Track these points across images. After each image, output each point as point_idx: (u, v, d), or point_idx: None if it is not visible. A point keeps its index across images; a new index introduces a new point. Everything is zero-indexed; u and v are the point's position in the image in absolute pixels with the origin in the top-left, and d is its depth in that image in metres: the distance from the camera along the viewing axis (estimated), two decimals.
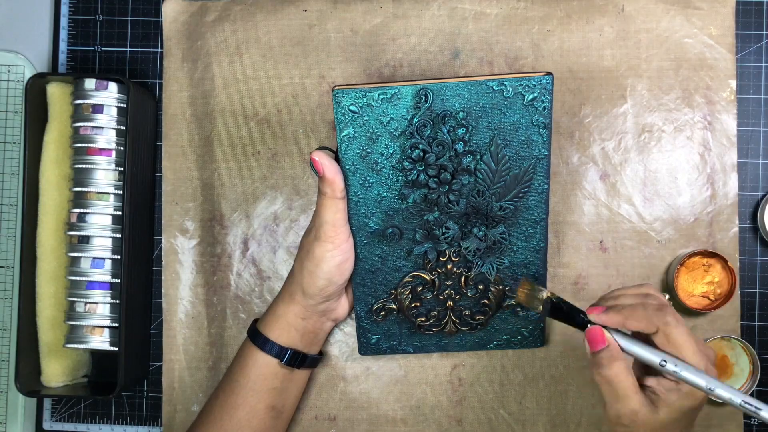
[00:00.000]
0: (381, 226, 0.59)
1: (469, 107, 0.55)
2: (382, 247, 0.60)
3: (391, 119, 0.55)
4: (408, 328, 0.65)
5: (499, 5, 0.68)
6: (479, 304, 0.63)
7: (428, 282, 0.62)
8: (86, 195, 0.66)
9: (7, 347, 0.71)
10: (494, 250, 0.60)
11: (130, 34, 0.72)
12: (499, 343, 0.65)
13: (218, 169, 0.69)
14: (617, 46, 0.67)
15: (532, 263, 0.61)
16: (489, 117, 0.55)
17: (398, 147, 0.56)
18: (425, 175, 0.57)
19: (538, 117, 0.55)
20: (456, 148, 0.56)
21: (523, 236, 0.60)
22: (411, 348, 0.66)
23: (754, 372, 0.65)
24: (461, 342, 0.65)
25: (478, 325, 0.64)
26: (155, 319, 0.71)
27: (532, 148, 0.56)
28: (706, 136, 0.67)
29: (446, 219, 0.59)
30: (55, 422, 0.71)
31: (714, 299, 0.65)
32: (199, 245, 0.69)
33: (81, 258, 0.66)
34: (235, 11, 0.69)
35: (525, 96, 0.55)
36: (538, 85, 0.54)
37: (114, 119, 0.66)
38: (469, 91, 0.54)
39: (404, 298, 0.63)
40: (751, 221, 0.68)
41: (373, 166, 0.57)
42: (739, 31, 0.68)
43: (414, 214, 0.59)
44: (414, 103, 0.55)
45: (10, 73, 0.72)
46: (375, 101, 0.55)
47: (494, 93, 0.54)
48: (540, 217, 0.59)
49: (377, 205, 0.58)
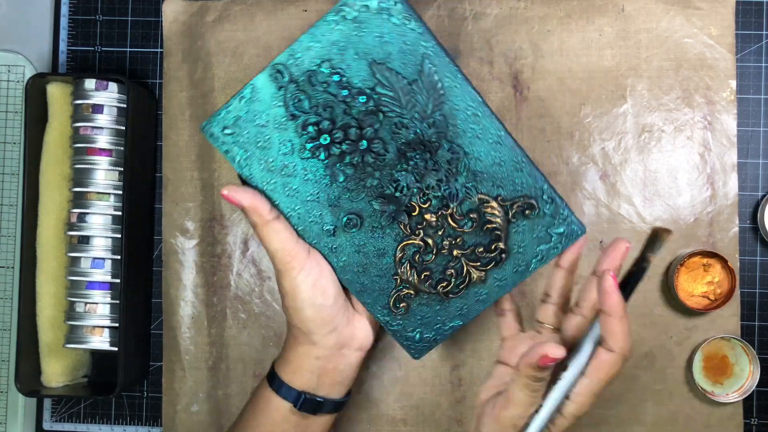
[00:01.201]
0: (335, 221, 0.54)
1: (326, 53, 0.50)
2: (352, 239, 0.54)
3: (267, 115, 0.51)
4: (438, 302, 0.56)
5: (499, 5, 0.68)
6: (485, 232, 0.54)
7: (420, 245, 0.55)
8: (86, 195, 0.66)
9: (7, 347, 0.71)
10: (454, 171, 0.53)
11: (130, 34, 0.72)
12: (539, 257, 0.55)
13: (218, 169, 0.69)
14: (617, 46, 0.67)
15: (505, 159, 0.53)
16: (351, 49, 0.50)
17: (293, 136, 0.52)
18: (336, 146, 0.52)
19: (395, 18, 0.50)
20: (344, 99, 0.51)
21: (475, 137, 0.53)
22: (458, 320, 0.57)
23: (754, 372, 0.65)
24: (500, 282, 0.56)
25: (501, 254, 0.55)
26: (155, 319, 0.71)
27: (415, 47, 0.51)
28: (706, 136, 0.67)
29: (388, 172, 0.53)
30: (55, 422, 0.71)
31: (714, 299, 0.65)
32: (199, 245, 0.69)
33: (81, 258, 0.66)
34: (235, 11, 0.69)
35: (369, 5, 0.50)
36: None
37: (114, 119, 0.66)
38: (315, 38, 0.50)
39: (410, 276, 0.55)
40: (751, 221, 0.68)
41: (284, 170, 0.52)
42: (739, 31, 0.68)
43: (355, 188, 0.53)
44: (276, 87, 0.51)
45: (10, 73, 0.72)
46: (240, 111, 0.51)
47: (339, 24, 0.50)
48: (475, 106, 0.52)
49: (317, 204, 0.53)
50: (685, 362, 0.66)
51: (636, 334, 0.66)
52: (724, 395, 0.65)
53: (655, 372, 0.66)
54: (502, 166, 0.53)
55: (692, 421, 0.66)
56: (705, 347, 0.66)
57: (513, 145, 0.53)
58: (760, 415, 0.67)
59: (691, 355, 0.66)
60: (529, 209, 0.54)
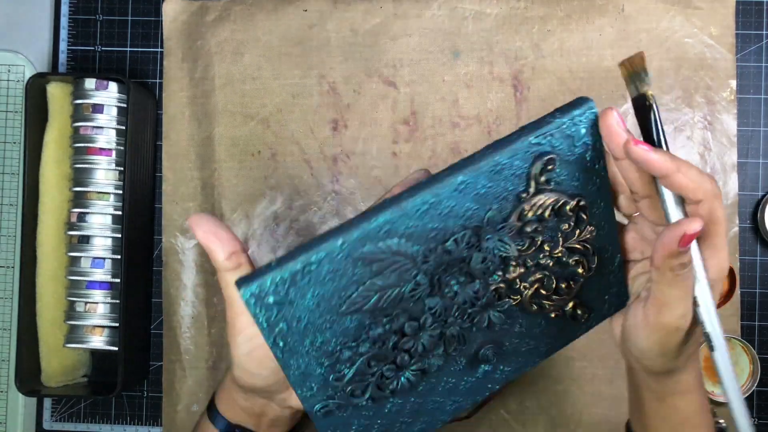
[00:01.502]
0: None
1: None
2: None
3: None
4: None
5: (499, 5, 0.68)
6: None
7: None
8: (86, 195, 0.66)
9: (7, 347, 0.71)
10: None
11: (130, 34, 0.72)
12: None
13: (218, 169, 0.69)
14: (617, 46, 0.67)
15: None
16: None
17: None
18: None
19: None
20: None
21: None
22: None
23: (754, 372, 0.65)
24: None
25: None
26: (155, 319, 0.71)
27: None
28: (706, 136, 0.67)
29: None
30: (55, 422, 0.71)
31: None
32: (199, 245, 0.69)
33: (81, 258, 0.66)
34: (235, 11, 0.69)
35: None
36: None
37: (114, 119, 0.66)
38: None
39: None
40: (751, 221, 0.68)
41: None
42: (739, 31, 0.68)
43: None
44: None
45: (10, 73, 0.72)
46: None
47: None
48: None
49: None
50: None
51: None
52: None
53: None
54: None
55: None
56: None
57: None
58: (760, 415, 0.67)
59: None
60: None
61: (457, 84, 0.68)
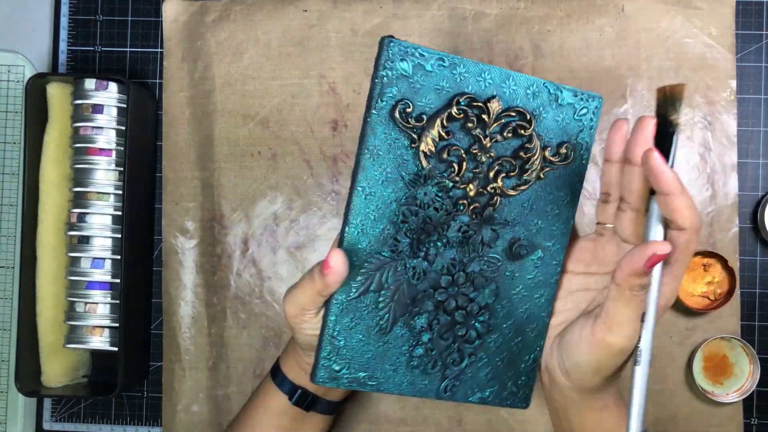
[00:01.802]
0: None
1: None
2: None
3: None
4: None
5: (499, 5, 0.68)
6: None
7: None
8: (86, 195, 0.66)
9: (7, 347, 0.71)
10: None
11: (130, 34, 0.72)
12: None
13: (218, 169, 0.69)
14: (617, 46, 0.67)
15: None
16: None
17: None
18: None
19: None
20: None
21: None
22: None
23: (754, 372, 0.65)
24: None
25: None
26: (155, 319, 0.71)
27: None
28: (706, 136, 0.67)
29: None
30: (55, 422, 0.71)
31: (714, 299, 0.65)
32: (199, 245, 0.69)
33: (81, 258, 0.66)
34: (235, 11, 0.69)
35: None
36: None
37: (114, 119, 0.66)
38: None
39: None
40: (751, 221, 0.68)
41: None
42: (739, 31, 0.68)
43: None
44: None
45: (10, 73, 0.72)
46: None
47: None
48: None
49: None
50: (685, 362, 0.66)
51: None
52: (724, 395, 0.65)
53: (655, 372, 0.66)
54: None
55: (692, 421, 0.66)
56: (705, 347, 0.66)
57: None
58: (760, 415, 0.67)
59: (691, 355, 0.66)
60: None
61: None
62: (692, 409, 0.66)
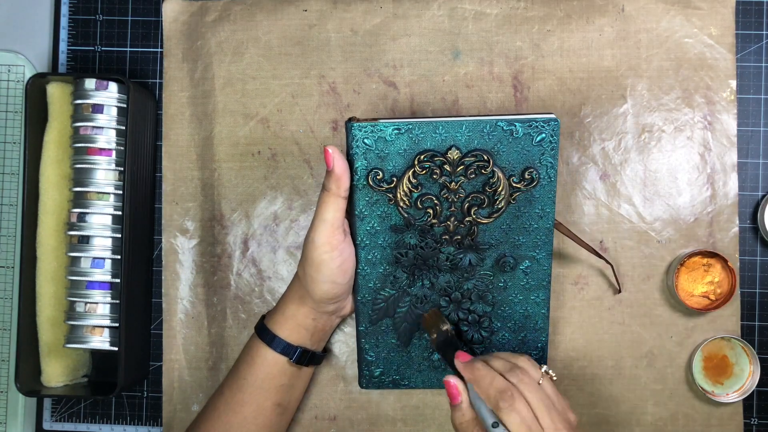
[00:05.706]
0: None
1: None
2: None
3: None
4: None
5: (499, 5, 0.68)
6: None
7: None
8: (86, 195, 0.66)
9: (7, 347, 0.71)
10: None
11: (130, 34, 0.72)
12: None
13: (218, 169, 0.69)
14: (617, 46, 0.67)
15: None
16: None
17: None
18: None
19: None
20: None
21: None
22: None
23: (754, 372, 0.65)
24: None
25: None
26: (155, 319, 0.71)
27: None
28: (706, 136, 0.67)
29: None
30: (55, 422, 0.71)
31: (714, 299, 0.65)
32: (199, 245, 0.69)
33: (81, 258, 0.66)
34: (235, 11, 0.69)
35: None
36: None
37: (114, 119, 0.66)
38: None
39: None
40: (751, 221, 0.68)
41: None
42: (739, 31, 0.68)
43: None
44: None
45: (10, 73, 0.72)
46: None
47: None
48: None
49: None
50: (685, 362, 0.66)
51: (636, 334, 0.66)
52: (724, 395, 0.65)
53: (655, 372, 0.66)
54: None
55: (692, 421, 0.66)
56: (705, 347, 0.66)
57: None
58: (760, 415, 0.67)
59: (691, 355, 0.66)
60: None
61: (457, 84, 0.68)
62: (692, 409, 0.66)
